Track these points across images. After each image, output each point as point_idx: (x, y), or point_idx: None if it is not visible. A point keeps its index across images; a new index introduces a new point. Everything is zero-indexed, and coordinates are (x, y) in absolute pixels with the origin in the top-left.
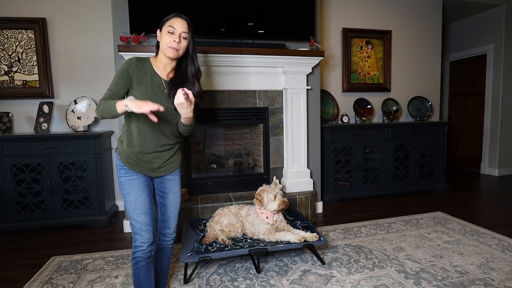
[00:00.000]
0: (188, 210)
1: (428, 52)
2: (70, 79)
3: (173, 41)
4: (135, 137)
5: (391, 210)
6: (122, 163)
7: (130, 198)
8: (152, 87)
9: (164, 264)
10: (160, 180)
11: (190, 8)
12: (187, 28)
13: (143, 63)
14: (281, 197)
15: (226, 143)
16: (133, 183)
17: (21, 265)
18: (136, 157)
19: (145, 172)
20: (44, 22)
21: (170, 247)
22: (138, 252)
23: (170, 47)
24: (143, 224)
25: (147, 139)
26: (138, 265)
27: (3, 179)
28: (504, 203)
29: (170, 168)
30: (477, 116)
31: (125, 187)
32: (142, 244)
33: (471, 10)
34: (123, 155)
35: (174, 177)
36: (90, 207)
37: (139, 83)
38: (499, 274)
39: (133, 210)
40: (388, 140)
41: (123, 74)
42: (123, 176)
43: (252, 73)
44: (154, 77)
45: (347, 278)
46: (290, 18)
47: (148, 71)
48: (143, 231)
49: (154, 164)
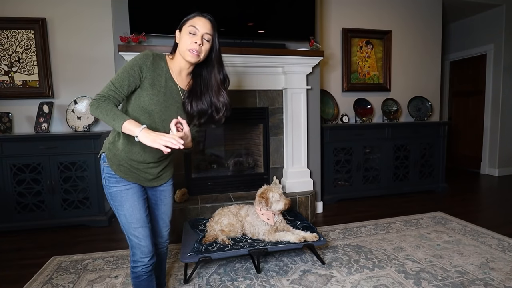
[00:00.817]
0: (188, 210)
1: (428, 52)
2: (70, 79)
3: (194, 43)
4: (137, 146)
5: (391, 210)
6: (113, 171)
7: (124, 211)
8: (165, 92)
9: (162, 265)
10: (153, 192)
11: (190, 8)
12: (211, 29)
13: (160, 62)
14: (284, 197)
15: (226, 143)
16: (127, 193)
17: (21, 265)
18: (130, 164)
19: (137, 181)
20: (44, 22)
21: (165, 252)
22: (139, 267)
23: (190, 50)
24: (142, 238)
25: (151, 152)
26: (139, 279)
27: (3, 179)
28: (504, 203)
29: (164, 177)
30: (477, 116)
31: (117, 199)
32: (142, 259)
33: (471, 10)
34: (114, 161)
35: (167, 187)
36: (90, 207)
37: (151, 85)
38: (499, 274)
39: (129, 224)
40: (388, 140)
41: (135, 71)
42: (114, 186)
43: (252, 73)
44: (168, 81)
45: (347, 278)
46: (290, 18)
47: (163, 73)
48: (142, 246)
49: (149, 175)
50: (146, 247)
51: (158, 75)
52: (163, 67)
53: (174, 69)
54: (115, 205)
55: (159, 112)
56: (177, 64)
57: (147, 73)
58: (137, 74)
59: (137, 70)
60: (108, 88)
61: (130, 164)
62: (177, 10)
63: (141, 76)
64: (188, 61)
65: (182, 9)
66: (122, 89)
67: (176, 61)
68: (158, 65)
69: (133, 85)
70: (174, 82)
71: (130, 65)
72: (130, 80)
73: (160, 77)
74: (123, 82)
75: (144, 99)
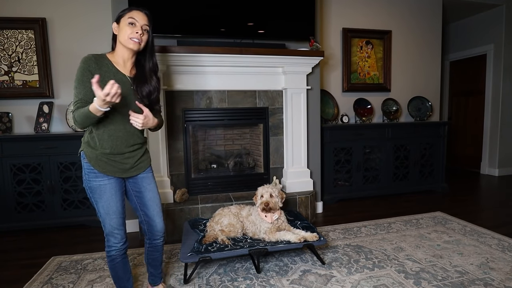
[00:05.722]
0: (188, 210)
1: (428, 52)
2: (70, 79)
3: (135, 33)
4: (106, 139)
5: (391, 210)
6: (92, 166)
7: (102, 203)
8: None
9: (157, 260)
10: (134, 181)
11: (190, 8)
12: (148, 21)
13: (102, 60)
14: (267, 198)
15: (226, 143)
16: (105, 188)
17: (21, 265)
18: (108, 158)
19: (117, 173)
20: (44, 22)
21: (161, 244)
22: (112, 251)
23: (131, 39)
24: (116, 227)
25: (118, 140)
26: (114, 261)
27: (3, 179)
28: (504, 203)
29: (142, 166)
30: (477, 116)
31: (96, 192)
32: (115, 244)
33: (471, 10)
34: (92, 158)
35: (147, 174)
36: (90, 207)
37: (103, 81)
38: (499, 274)
39: (106, 214)
40: (388, 140)
41: (86, 76)
42: (93, 180)
43: (252, 73)
44: (116, 74)
45: (347, 278)
46: (290, 18)
47: (109, 68)
48: (116, 234)
49: (126, 165)
50: (119, 234)
51: (106, 71)
52: (107, 64)
53: (118, 62)
54: (94, 197)
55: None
56: (120, 56)
57: (96, 72)
58: (89, 76)
59: (87, 74)
60: (75, 103)
61: (107, 157)
62: (177, 10)
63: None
64: (131, 48)
65: (182, 9)
66: (86, 96)
67: (118, 54)
68: (103, 64)
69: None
70: (122, 73)
71: (79, 73)
72: (86, 86)
73: (108, 73)
74: (84, 89)
75: None
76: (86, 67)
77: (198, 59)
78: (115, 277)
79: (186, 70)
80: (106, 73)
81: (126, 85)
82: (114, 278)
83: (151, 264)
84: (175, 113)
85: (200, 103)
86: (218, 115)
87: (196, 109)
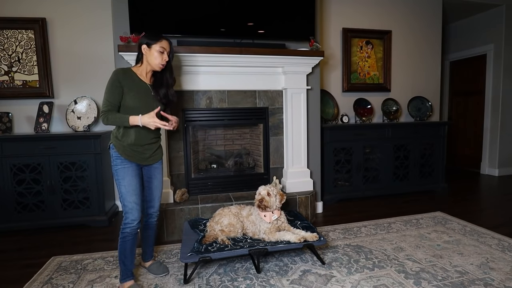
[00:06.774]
0: (188, 210)
1: (428, 52)
2: (70, 79)
3: (164, 60)
4: (131, 134)
5: (391, 210)
6: (119, 154)
7: (125, 183)
8: (139, 91)
9: (150, 238)
10: (148, 168)
11: (190, 8)
12: (170, 47)
13: (129, 73)
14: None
15: (226, 143)
16: (128, 170)
17: (21, 265)
18: (132, 148)
19: (138, 161)
20: (44, 22)
21: (155, 223)
22: (127, 228)
23: (161, 65)
24: (134, 204)
25: (140, 135)
26: (126, 239)
27: (3, 179)
28: (504, 203)
29: (157, 158)
30: (477, 116)
31: (120, 174)
32: (132, 221)
33: (471, 10)
34: (120, 148)
35: (158, 165)
36: (90, 207)
37: (129, 89)
38: (499, 274)
39: (127, 192)
40: (388, 140)
41: (116, 85)
42: (119, 165)
43: (252, 73)
44: (140, 83)
45: (347, 278)
46: (290, 18)
47: (134, 79)
48: (134, 210)
49: (145, 154)
50: (137, 212)
51: (131, 81)
52: (132, 75)
53: (142, 74)
54: (118, 179)
55: (142, 106)
56: (144, 70)
57: (123, 82)
58: (119, 85)
59: (117, 83)
60: (105, 104)
61: (131, 148)
62: (177, 10)
63: (122, 86)
64: (157, 70)
65: (182, 9)
66: (115, 100)
67: (143, 68)
68: (129, 75)
69: (120, 93)
70: (144, 82)
71: (110, 83)
72: (115, 92)
73: (133, 82)
74: (113, 95)
75: (129, 100)
76: (116, 78)
77: (198, 59)
78: (122, 254)
79: (186, 70)
80: (132, 82)
81: (148, 91)
82: (120, 254)
83: (144, 242)
84: (175, 113)
85: (200, 103)
86: (218, 115)
87: (196, 109)
